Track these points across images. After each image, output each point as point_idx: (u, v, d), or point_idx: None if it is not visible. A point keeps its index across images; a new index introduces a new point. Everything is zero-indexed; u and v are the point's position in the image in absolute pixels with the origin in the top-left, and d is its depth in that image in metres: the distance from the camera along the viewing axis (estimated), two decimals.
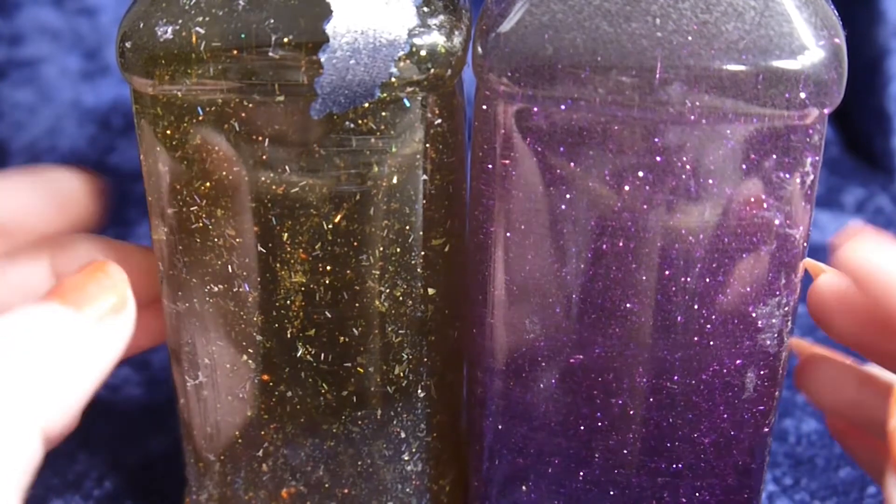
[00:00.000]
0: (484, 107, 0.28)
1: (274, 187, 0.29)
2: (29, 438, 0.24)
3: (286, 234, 0.29)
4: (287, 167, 0.28)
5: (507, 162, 0.28)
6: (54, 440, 0.25)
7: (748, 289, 0.28)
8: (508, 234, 0.29)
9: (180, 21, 0.27)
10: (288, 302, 0.30)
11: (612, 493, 0.32)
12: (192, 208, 0.29)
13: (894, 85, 0.60)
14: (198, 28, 0.27)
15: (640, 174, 0.27)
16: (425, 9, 0.28)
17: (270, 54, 0.27)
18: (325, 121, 0.28)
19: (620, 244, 0.28)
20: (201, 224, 0.29)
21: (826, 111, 0.27)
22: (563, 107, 0.27)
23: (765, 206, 0.28)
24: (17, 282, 0.30)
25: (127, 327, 0.27)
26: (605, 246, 0.28)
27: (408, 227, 0.30)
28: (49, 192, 0.31)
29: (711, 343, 0.29)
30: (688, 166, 0.27)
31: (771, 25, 0.26)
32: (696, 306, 0.29)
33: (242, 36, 0.27)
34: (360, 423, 0.32)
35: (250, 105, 0.28)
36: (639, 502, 0.32)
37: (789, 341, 0.30)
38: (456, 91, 0.29)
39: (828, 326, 0.30)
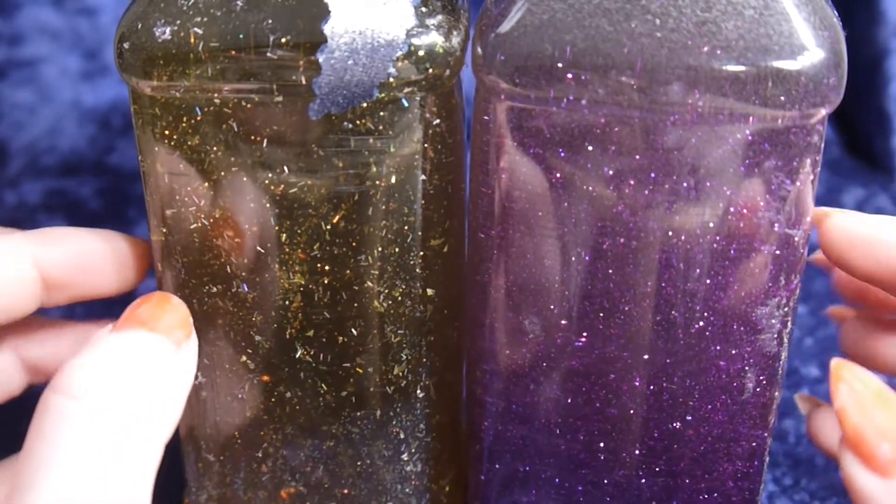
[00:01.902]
0: (483, 107, 0.28)
1: (272, 188, 0.29)
2: (156, 448, 0.26)
3: (285, 235, 0.29)
4: (285, 167, 0.28)
5: (506, 162, 0.28)
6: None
7: (748, 289, 0.28)
8: (508, 235, 0.29)
9: (178, 21, 0.27)
10: (287, 302, 0.30)
11: (611, 493, 0.32)
12: (190, 209, 0.29)
13: (894, 85, 0.60)
14: (196, 28, 0.27)
15: (640, 175, 0.27)
16: (423, 9, 0.28)
17: (269, 55, 0.27)
18: (324, 121, 0.28)
19: (620, 244, 0.28)
20: (199, 224, 0.29)
21: (826, 111, 0.27)
22: (562, 107, 0.27)
23: (765, 206, 0.27)
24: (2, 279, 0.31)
25: (195, 350, 0.29)
26: (604, 246, 0.28)
27: (406, 228, 0.30)
28: (88, 254, 0.32)
29: (711, 343, 0.29)
30: (688, 167, 0.27)
31: (771, 25, 0.26)
32: (695, 307, 0.29)
33: (241, 36, 0.27)
34: (359, 423, 0.32)
35: (248, 105, 0.28)
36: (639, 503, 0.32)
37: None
38: (454, 91, 0.29)
39: (846, 265, 0.30)
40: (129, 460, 0.25)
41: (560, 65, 0.27)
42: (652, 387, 0.30)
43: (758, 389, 0.30)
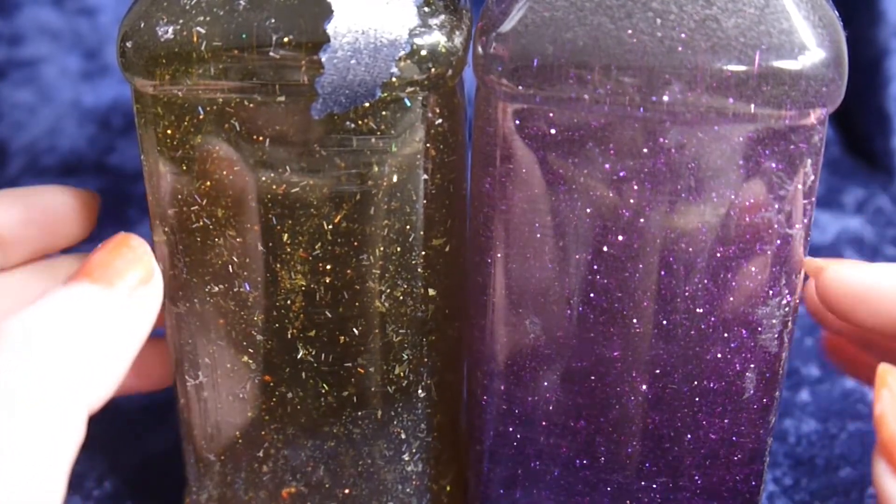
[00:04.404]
0: (484, 106, 0.28)
1: (274, 187, 0.29)
2: (76, 420, 0.24)
3: (286, 234, 0.29)
4: (287, 167, 0.28)
5: (507, 162, 0.28)
6: (94, 415, 0.26)
7: (748, 289, 0.28)
8: (509, 235, 0.29)
9: (181, 21, 0.27)
10: (288, 302, 0.30)
11: (612, 494, 0.32)
12: (192, 208, 0.29)
13: (894, 85, 0.60)
14: (198, 28, 0.27)
15: (641, 174, 0.27)
16: (426, 8, 0.28)
17: (271, 54, 0.27)
18: (326, 121, 0.28)
19: (620, 244, 0.28)
20: (201, 224, 0.29)
21: (826, 111, 0.27)
22: (563, 106, 0.27)
23: (765, 206, 0.27)
24: None
25: (156, 297, 0.28)
26: (605, 246, 0.28)
27: (408, 227, 0.30)
28: (37, 210, 0.32)
29: (711, 343, 0.29)
30: (688, 166, 0.27)
31: (771, 24, 0.26)
32: (696, 306, 0.29)
33: (243, 36, 0.27)
34: (360, 423, 0.32)
35: (251, 105, 0.28)
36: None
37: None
38: (456, 91, 0.29)
39: (846, 317, 0.29)
40: (41, 439, 0.23)
41: (561, 64, 0.27)
42: (652, 387, 0.30)
43: (758, 389, 0.30)
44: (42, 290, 0.26)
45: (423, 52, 0.27)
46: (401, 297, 0.30)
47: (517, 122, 0.28)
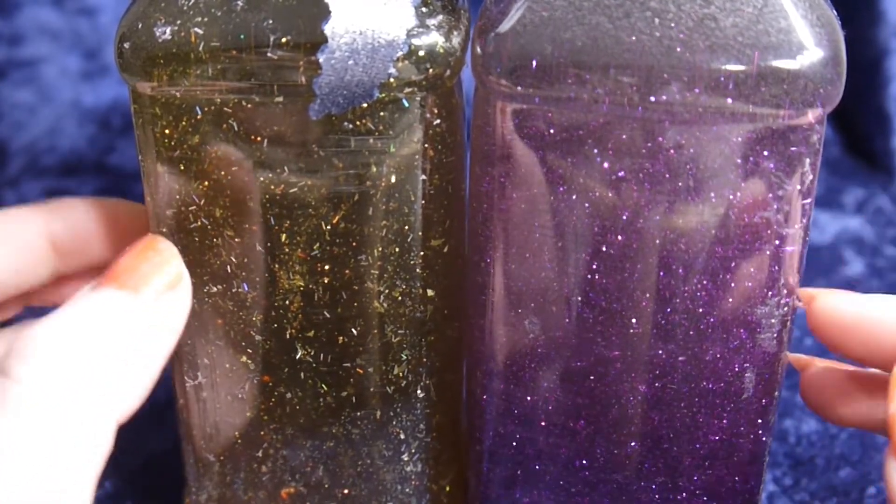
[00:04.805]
0: (483, 107, 0.28)
1: (272, 188, 0.29)
2: (104, 431, 0.24)
3: (285, 235, 0.29)
4: (286, 167, 0.28)
5: (506, 162, 0.28)
6: (124, 423, 0.26)
7: (748, 289, 0.28)
8: (507, 235, 0.29)
9: (179, 21, 0.27)
10: (287, 302, 0.30)
11: (611, 494, 0.32)
12: (190, 208, 0.29)
13: (894, 85, 0.60)
14: (196, 28, 0.27)
15: (640, 174, 0.27)
16: (424, 9, 0.28)
17: (269, 55, 0.27)
18: (324, 121, 0.28)
19: (619, 244, 0.28)
20: (200, 224, 0.29)
21: (825, 111, 0.27)
22: (562, 106, 0.27)
23: (764, 206, 0.27)
24: (12, 245, 0.31)
25: (185, 301, 0.27)
26: (604, 246, 0.28)
27: (406, 228, 0.30)
28: (96, 222, 0.32)
29: (711, 343, 0.29)
30: (687, 166, 0.27)
31: (770, 23, 0.26)
32: (695, 306, 0.29)
33: (241, 36, 0.27)
34: (359, 423, 0.32)
35: (249, 105, 0.28)
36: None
37: (787, 356, 0.30)
38: (455, 91, 0.29)
39: (837, 347, 0.29)
40: (70, 450, 0.23)
41: (560, 64, 0.27)
42: (651, 387, 0.30)
43: (758, 389, 0.30)
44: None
45: (421, 53, 0.27)
46: (399, 298, 0.30)
47: (516, 121, 0.28)
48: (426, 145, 0.29)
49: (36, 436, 0.23)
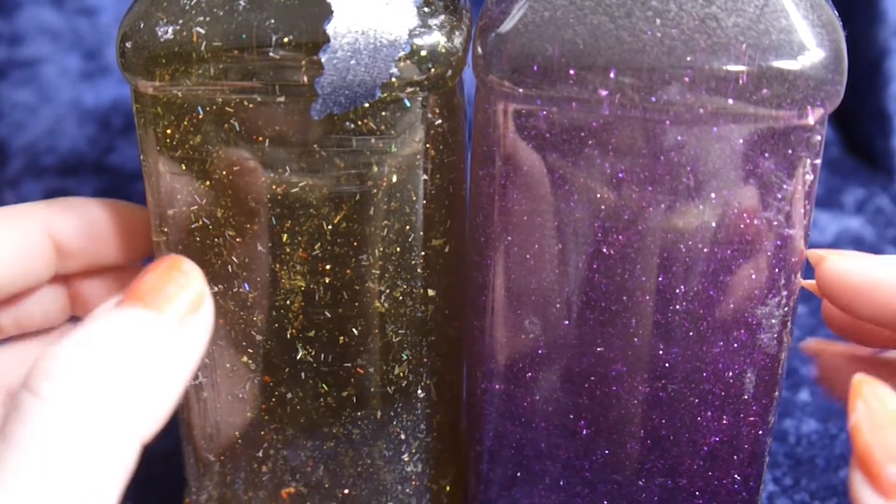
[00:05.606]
0: (484, 107, 0.28)
1: (274, 187, 0.29)
2: (128, 449, 0.24)
3: (286, 235, 0.29)
4: (287, 167, 0.28)
5: (507, 162, 0.28)
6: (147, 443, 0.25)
7: (748, 289, 0.28)
8: (508, 235, 0.29)
9: (181, 21, 0.27)
10: (288, 302, 0.30)
11: (611, 494, 0.32)
12: (192, 208, 0.29)
13: (894, 85, 0.60)
14: (198, 28, 0.27)
15: (641, 175, 0.27)
16: (426, 9, 0.28)
17: (271, 54, 0.27)
18: (326, 121, 0.28)
19: (620, 244, 0.28)
20: (201, 224, 0.29)
21: (826, 111, 0.27)
22: (563, 107, 0.27)
23: (764, 206, 0.27)
24: (13, 241, 0.31)
25: (207, 322, 0.27)
26: (604, 247, 0.28)
27: (408, 227, 0.30)
28: (98, 223, 0.32)
29: (711, 344, 0.29)
30: (688, 166, 0.27)
31: (771, 24, 0.26)
32: (695, 307, 0.29)
33: (243, 36, 0.27)
34: (359, 423, 0.32)
35: (250, 105, 0.28)
36: None
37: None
38: (456, 91, 0.29)
39: (847, 308, 0.29)
40: (94, 470, 0.23)
41: (561, 64, 0.27)
42: (652, 387, 0.30)
43: (758, 390, 0.30)
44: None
45: (423, 53, 0.27)
46: (400, 298, 0.30)
47: (517, 122, 0.28)
48: (428, 145, 0.29)
49: (60, 454, 0.23)
